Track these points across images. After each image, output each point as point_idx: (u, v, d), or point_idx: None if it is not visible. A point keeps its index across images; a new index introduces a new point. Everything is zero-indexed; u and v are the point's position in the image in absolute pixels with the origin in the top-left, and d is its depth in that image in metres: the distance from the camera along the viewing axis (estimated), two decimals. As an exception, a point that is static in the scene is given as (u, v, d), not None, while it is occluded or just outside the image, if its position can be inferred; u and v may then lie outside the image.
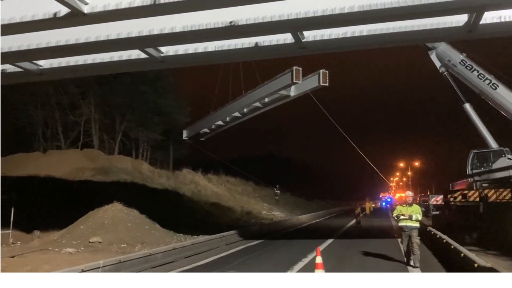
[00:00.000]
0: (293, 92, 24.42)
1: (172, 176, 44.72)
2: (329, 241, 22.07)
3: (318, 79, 22.71)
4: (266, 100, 25.71)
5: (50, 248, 16.97)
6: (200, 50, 12.70)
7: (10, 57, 13.26)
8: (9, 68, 14.80)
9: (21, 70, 14.69)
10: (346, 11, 9.80)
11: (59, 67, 14.63)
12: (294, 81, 21.73)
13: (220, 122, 29.10)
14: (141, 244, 18.30)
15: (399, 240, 16.31)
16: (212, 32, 10.94)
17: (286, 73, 22.17)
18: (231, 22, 10.34)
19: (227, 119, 28.47)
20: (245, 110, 27.14)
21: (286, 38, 11.68)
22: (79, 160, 38.51)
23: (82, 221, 19.77)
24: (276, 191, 57.68)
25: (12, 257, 14.82)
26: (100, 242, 18.03)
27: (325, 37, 11.63)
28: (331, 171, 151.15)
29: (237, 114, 27.58)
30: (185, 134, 32.21)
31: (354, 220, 36.62)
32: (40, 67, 14.73)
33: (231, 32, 11.00)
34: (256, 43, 11.92)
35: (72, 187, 28.50)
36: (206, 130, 30.50)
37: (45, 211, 22.86)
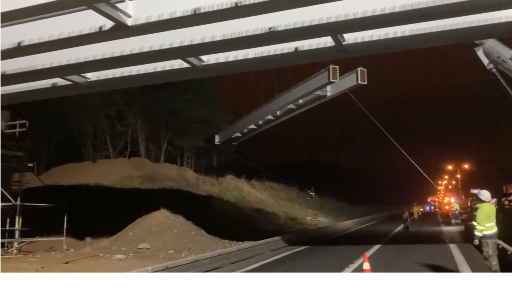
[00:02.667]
0: (329, 92, 23.76)
1: (216, 182, 45.21)
2: (377, 246, 21.53)
3: (356, 78, 22.13)
4: (301, 101, 25.20)
5: (101, 254, 17.54)
6: (240, 57, 12.81)
7: (60, 71, 13.90)
8: (59, 81, 15.51)
9: (70, 83, 15.35)
10: (387, 11, 9.59)
11: (106, 79, 15.19)
12: (331, 80, 21.04)
13: (252, 126, 28.78)
14: (188, 250, 18.56)
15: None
16: (252, 39, 11.01)
17: (322, 73, 21.52)
18: (270, 28, 10.36)
19: (260, 122, 28.14)
20: (278, 112, 26.73)
21: (326, 41, 11.58)
22: (127, 169, 39.72)
23: (130, 228, 20.31)
24: (311, 193, 57.14)
25: (66, 263, 15.40)
26: (148, 249, 18.44)
27: (366, 39, 11.43)
28: (376, 176, 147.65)
29: (270, 117, 27.17)
30: (217, 139, 32.19)
31: (401, 225, 35.59)
32: (88, 80, 15.34)
33: (270, 38, 11.02)
34: (296, 48, 11.88)
35: (120, 195, 29.37)
36: (238, 134, 30.34)
37: (96, 218, 23.69)
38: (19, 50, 12.15)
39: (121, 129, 48.56)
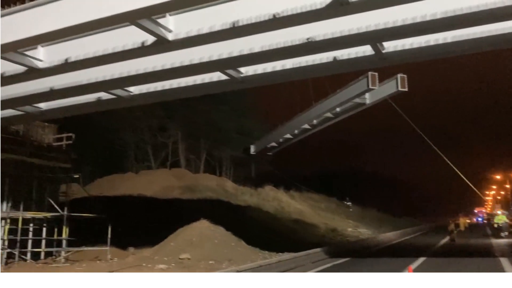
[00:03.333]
0: (368, 99, 23.17)
1: (255, 193, 45.24)
2: (421, 259, 20.81)
3: (396, 84, 21.53)
4: (338, 109, 24.73)
5: (144, 264, 17.86)
6: (278, 68, 12.87)
7: (104, 85, 14.41)
8: (104, 95, 16.08)
9: (114, 97, 15.89)
10: (428, 18, 9.40)
11: (148, 92, 15.62)
12: (370, 87, 20.58)
13: (288, 135, 28.51)
14: (228, 261, 18.58)
15: None
16: (289, 50, 11.04)
17: (361, 80, 21.02)
18: (308, 39, 10.37)
19: (296, 132, 27.81)
20: (314, 121, 26.37)
21: (365, 50, 11.46)
22: (168, 179, 40.41)
23: (172, 238, 20.59)
24: (347, 203, 56.19)
25: (111, 272, 15.75)
26: (189, 259, 18.61)
27: (407, 47, 11.23)
28: (420, 186, 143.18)
29: (306, 126, 26.86)
30: (252, 149, 32.03)
31: (447, 238, 34.33)
32: (131, 93, 15.83)
33: (308, 48, 11.02)
34: (335, 58, 11.82)
35: (162, 205, 29.89)
36: (273, 144, 30.13)
37: (138, 229, 24.19)
38: (67, 66, 12.71)
39: (162, 141, 49.60)
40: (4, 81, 13.82)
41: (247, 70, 13.60)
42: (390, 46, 11.36)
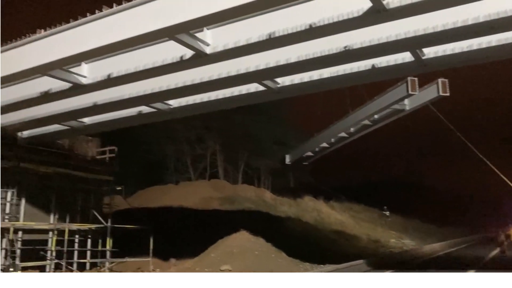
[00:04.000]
0: (408, 105, 22.31)
1: (294, 203, 44.90)
2: (470, 273, 19.94)
3: (437, 89, 20.76)
4: (376, 116, 24.05)
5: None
6: (315, 78, 12.79)
7: (145, 99, 14.76)
8: (145, 109, 16.48)
9: (155, 110, 16.25)
10: (470, 22, 9.10)
11: (187, 105, 15.89)
12: (410, 92, 19.88)
13: (324, 144, 27.99)
14: (269, 273, 18.44)
15: None
16: (327, 59, 10.96)
17: (400, 85, 20.41)
18: (345, 47, 10.26)
19: (332, 140, 27.24)
20: (352, 129, 25.77)
21: (404, 57, 11.22)
22: (207, 191, 40.78)
23: (212, 249, 20.68)
24: (385, 213, 54.64)
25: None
26: (230, 270, 18.61)
27: (448, 52, 10.91)
28: (466, 195, 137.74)
29: (343, 134, 26.29)
30: (287, 159, 31.63)
31: (497, 249, 32.78)
32: (171, 106, 16.15)
33: (346, 57, 10.91)
34: (373, 65, 11.63)
35: (201, 216, 30.15)
36: (309, 153, 29.68)
37: (179, 240, 24.46)
38: (109, 82, 13.13)
39: (201, 152, 50.22)
40: (51, 97, 14.45)
41: (283, 81, 13.60)
42: (430, 52, 11.08)
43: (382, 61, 11.53)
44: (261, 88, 13.83)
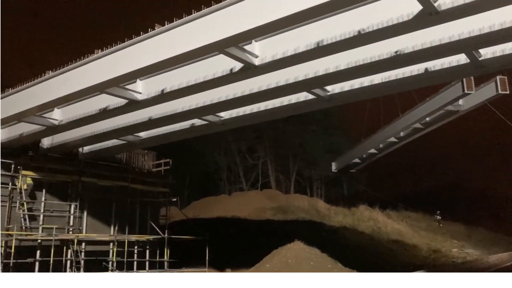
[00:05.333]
0: (463, 105, 21.11)
1: (349, 213, 44.07)
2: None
3: (496, 87, 19.56)
4: (428, 119, 22.95)
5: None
6: (366, 84, 12.57)
7: (197, 112, 15.10)
8: (197, 122, 16.87)
9: (207, 122, 16.59)
10: (530, 18, 8.62)
11: (238, 116, 16.09)
12: (466, 91, 18.69)
13: (372, 150, 27.07)
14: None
15: None
16: (377, 65, 10.74)
17: (454, 85, 19.26)
18: (396, 52, 10.02)
19: (381, 146, 26.35)
20: (401, 134, 24.75)
21: (459, 59, 10.78)
22: (260, 201, 40.98)
23: (267, 260, 20.67)
24: (437, 217, 52.10)
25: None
26: (286, 281, 18.51)
27: (507, 51, 10.35)
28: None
29: (392, 139, 25.31)
30: (333, 167, 30.78)
31: None
32: (222, 118, 16.43)
33: (397, 62, 10.64)
34: (426, 69, 11.26)
35: (255, 227, 30.28)
36: (356, 160, 28.79)
37: (234, 250, 24.67)
38: (163, 97, 13.55)
39: (252, 162, 50.61)
40: (108, 114, 15.10)
41: (333, 88, 13.46)
42: (487, 52, 10.57)
43: (436, 64, 11.13)
44: (310, 96, 13.76)
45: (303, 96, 13.96)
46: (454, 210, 55.60)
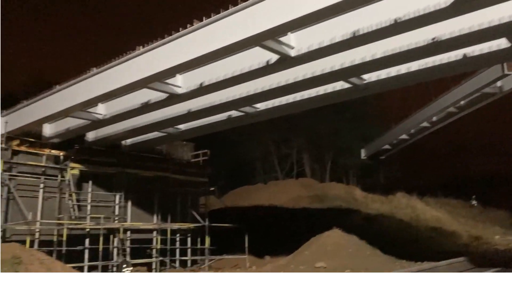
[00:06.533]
0: (503, 86, 20.01)
1: (386, 200, 43.66)
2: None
3: None
4: (463, 103, 22.07)
5: (281, 272, 18.44)
6: (403, 71, 12.56)
7: (234, 104, 15.49)
8: (234, 113, 17.26)
9: (243, 114, 16.95)
10: None
11: (273, 107, 16.38)
12: (505, 72, 17.84)
13: (404, 136, 26.33)
14: (365, 270, 18.27)
15: None
16: (414, 52, 10.74)
17: (492, 66, 17.94)
18: (433, 39, 9.99)
19: (412, 131, 25.57)
20: (434, 118, 23.95)
21: (499, 43, 10.62)
22: (296, 189, 41.16)
23: (306, 247, 20.97)
24: (473, 203, 50.59)
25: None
26: (325, 267, 18.74)
27: (551, 33, 10.14)
28: None
29: (424, 124, 24.58)
30: (363, 154, 30.11)
31: None
32: (258, 109, 16.73)
33: (435, 49, 10.60)
34: (465, 55, 11.15)
35: (292, 215, 30.58)
36: (387, 146, 28.16)
37: (272, 237, 25.09)
38: (201, 90, 13.98)
39: (287, 151, 50.73)
40: (150, 107, 15.69)
41: (370, 77, 13.50)
42: (529, 35, 10.37)
43: (475, 49, 10.98)
44: (347, 85, 13.85)
45: (339, 85, 14.06)
46: (496, 197, 54.05)
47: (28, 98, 17.44)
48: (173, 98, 14.61)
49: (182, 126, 19.19)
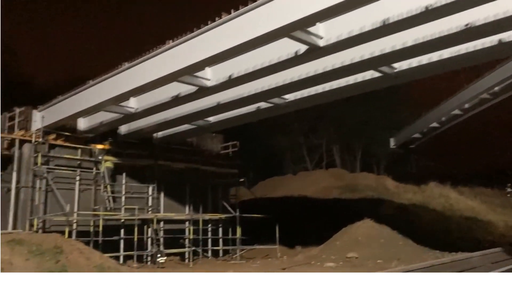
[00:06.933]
0: None
1: (418, 190, 42.92)
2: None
3: None
4: (497, 89, 21.40)
5: (313, 262, 18.57)
6: (435, 59, 12.31)
7: (263, 96, 15.53)
8: (263, 105, 17.32)
9: (272, 105, 16.98)
10: None
11: (302, 97, 16.33)
12: None
13: (434, 124, 25.75)
14: (397, 260, 18.15)
15: None
16: (446, 39, 10.50)
17: None
18: (467, 25, 9.74)
19: (443, 119, 25.00)
20: (466, 105, 23.32)
21: (538, 27, 10.24)
22: (326, 180, 40.97)
23: (337, 237, 20.96)
24: (509, 190, 48.83)
25: (283, 269, 16.78)
26: (357, 258, 18.72)
27: None
28: None
29: (456, 111, 23.95)
30: (392, 143, 29.50)
31: None
32: (287, 100, 16.73)
33: (468, 35, 10.33)
34: (500, 40, 10.81)
35: (323, 205, 30.52)
36: (417, 135, 27.47)
37: (302, 228, 25.16)
38: (230, 82, 14.08)
39: (316, 142, 50.47)
40: (180, 100, 15.92)
41: (401, 65, 13.28)
42: None
43: (511, 35, 10.65)
44: (377, 74, 13.68)
45: (369, 74, 13.89)
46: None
47: (63, 93, 17.99)
48: (203, 91, 14.78)
49: (212, 119, 19.39)
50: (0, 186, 18.82)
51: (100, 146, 19.78)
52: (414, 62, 12.81)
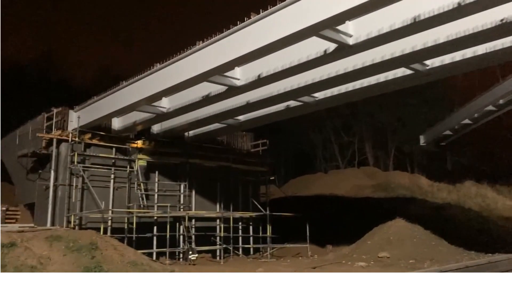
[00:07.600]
0: None
1: (454, 189, 41.79)
2: None
3: None
4: None
5: (343, 261, 18.45)
6: (468, 55, 12.00)
7: (292, 94, 15.55)
8: (292, 103, 17.32)
9: (301, 103, 16.95)
10: None
11: (332, 96, 16.24)
12: None
13: (466, 121, 24.61)
14: (430, 261, 17.80)
15: None
16: (480, 35, 10.23)
17: None
18: (502, 20, 9.45)
19: (476, 115, 23.89)
20: (501, 101, 22.27)
21: None
22: (357, 178, 40.50)
23: (368, 237, 20.72)
24: None
25: (314, 268, 16.75)
26: (388, 257, 18.47)
27: None
28: None
29: (490, 107, 22.88)
30: (422, 140, 28.36)
31: None
32: (316, 99, 16.66)
33: (504, 31, 10.03)
34: (538, 35, 10.44)
35: (354, 204, 30.22)
36: (448, 132, 26.58)
37: (333, 226, 24.99)
38: (259, 82, 14.15)
39: (348, 139, 49.90)
40: (210, 100, 16.13)
41: (433, 62, 13.00)
42: None
43: (550, 29, 10.27)
44: (408, 71, 13.45)
45: (400, 71, 13.69)
46: None
47: (97, 93, 18.54)
48: (232, 90, 14.92)
49: (242, 117, 19.53)
50: (39, 184, 19.62)
51: (134, 145, 20.27)
52: (447, 59, 12.53)
